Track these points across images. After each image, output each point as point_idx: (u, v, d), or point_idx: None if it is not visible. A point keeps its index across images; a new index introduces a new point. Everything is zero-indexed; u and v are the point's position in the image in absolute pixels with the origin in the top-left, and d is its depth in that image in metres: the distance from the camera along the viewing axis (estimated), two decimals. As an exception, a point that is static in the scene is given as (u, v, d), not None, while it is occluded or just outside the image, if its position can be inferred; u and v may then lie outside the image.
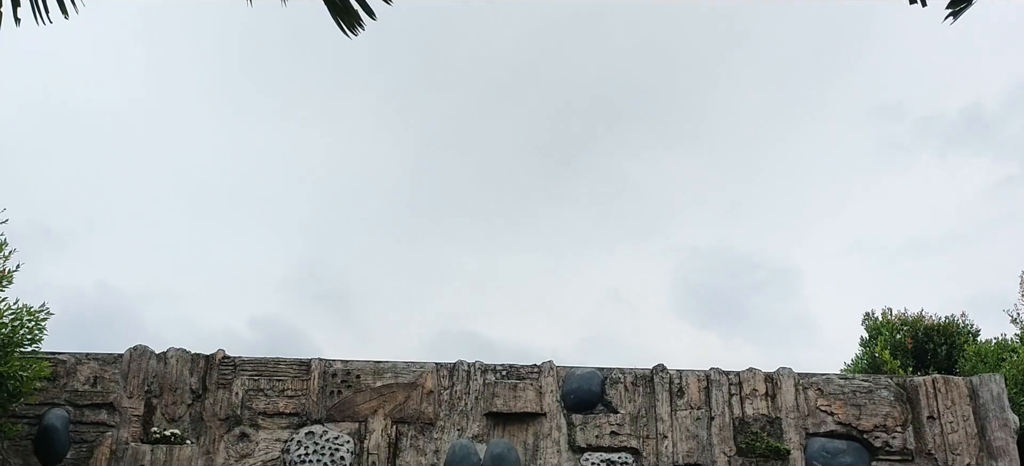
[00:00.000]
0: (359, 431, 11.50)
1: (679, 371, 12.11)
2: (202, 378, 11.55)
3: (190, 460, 11.11)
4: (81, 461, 10.97)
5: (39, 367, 10.42)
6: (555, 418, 11.76)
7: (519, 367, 12.01)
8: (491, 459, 11.44)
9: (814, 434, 11.83)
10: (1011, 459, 11.66)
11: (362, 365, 11.81)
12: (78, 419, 11.13)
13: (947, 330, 17.16)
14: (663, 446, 11.67)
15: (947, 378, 12.31)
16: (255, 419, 11.42)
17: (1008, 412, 11.91)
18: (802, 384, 12.06)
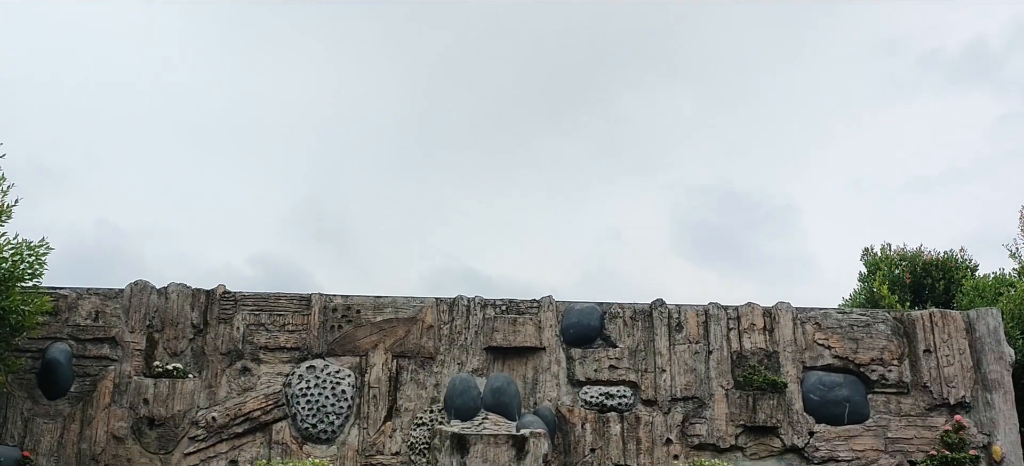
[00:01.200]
0: (360, 365, 11.59)
1: (678, 306, 12.17)
2: (203, 313, 11.61)
3: (193, 394, 11.23)
4: (85, 394, 11.08)
5: (41, 302, 10.46)
6: (554, 352, 11.85)
7: (519, 302, 12.07)
8: (491, 393, 11.55)
9: (811, 367, 11.95)
10: (1006, 391, 11.79)
11: (362, 300, 11.87)
12: (81, 353, 11.22)
13: (945, 265, 17.21)
14: (661, 380, 11.78)
15: (944, 312, 12.38)
16: (256, 353, 11.51)
17: (1004, 345, 12.00)
18: (800, 318, 12.13)
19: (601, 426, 11.53)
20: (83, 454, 10.83)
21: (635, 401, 11.72)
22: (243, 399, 11.27)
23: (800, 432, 11.58)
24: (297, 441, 11.19)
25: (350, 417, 11.37)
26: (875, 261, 18.16)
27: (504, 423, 11.33)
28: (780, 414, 11.61)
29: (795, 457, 11.55)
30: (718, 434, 11.57)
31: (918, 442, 11.59)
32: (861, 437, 11.60)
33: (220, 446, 11.07)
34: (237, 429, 11.14)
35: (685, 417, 11.66)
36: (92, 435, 10.90)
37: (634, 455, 11.44)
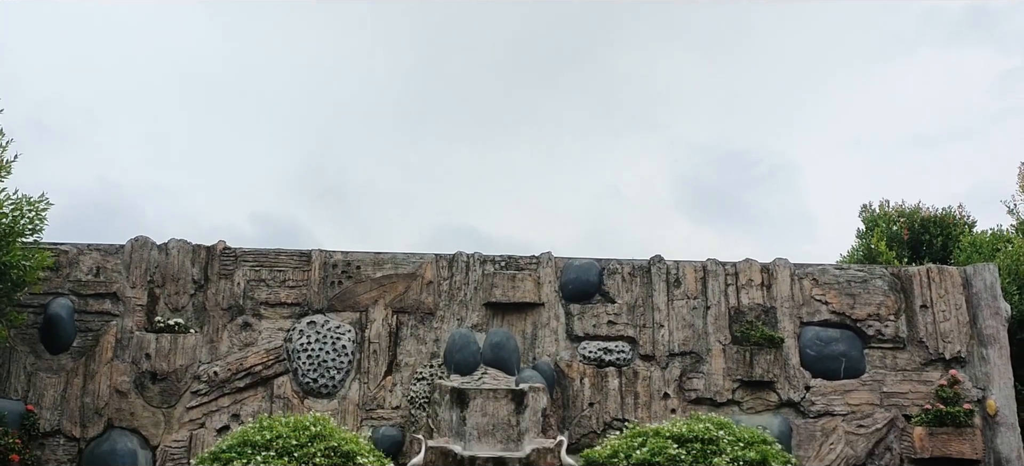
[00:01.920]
0: (360, 321, 11.67)
1: (676, 262, 12.22)
2: (204, 269, 11.66)
3: (194, 348, 11.31)
4: (87, 349, 11.17)
5: (41, 257, 10.50)
6: (553, 308, 11.92)
7: (518, 258, 12.12)
8: (490, 348, 11.64)
9: (808, 323, 12.03)
10: (1001, 346, 11.87)
11: (362, 256, 11.92)
12: (82, 308, 11.29)
13: (944, 222, 17.23)
14: (659, 335, 11.86)
15: (941, 267, 12.44)
16: (257, 309, 11.58)
17: (1000, 301, 12.07)
18: (798, 274, 12.19)
19: (599, 381, 11.63)
20: (87, 408, 10.95)
21: (633, 356, 11.81)
22: (244, 354, 11.36)
23: (796, 387, 11.69)
24: (298, 395, 11.30)
25: (350, 372, 11.47)
26: (873, 218, 18.18)
27: (503, 378, 11.43)
28: (777, 369, 11.71)
29: (791, 411, 11.67)
30: (715, 388, 11.67)
31: (913, 396, 11.70)
32: (857, 391, 11.71)
33: (222, 400, 11.18)
34: (239, 383, 11.24)
35: (682, 372, 11.76)
36: (95, 389, 11.01)
37: (632, 409, 11.56)
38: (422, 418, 11.09)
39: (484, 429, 10.86)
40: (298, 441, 8.62)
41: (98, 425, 10.91)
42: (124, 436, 10.89)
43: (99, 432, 10.90)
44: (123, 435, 10.90)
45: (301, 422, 9.02)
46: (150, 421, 11.01)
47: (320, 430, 8.84)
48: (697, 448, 8.87)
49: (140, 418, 11.00)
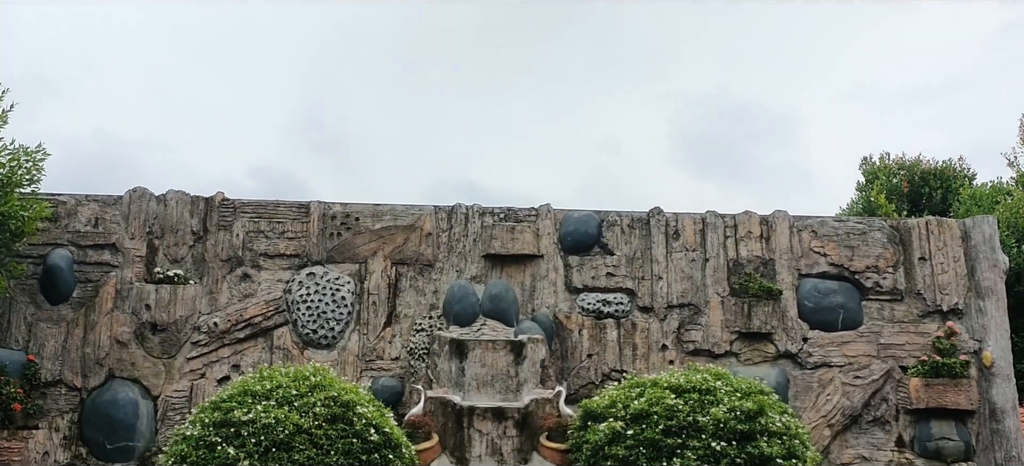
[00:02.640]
0: (359, 272, 11.69)
1: (675, 214, 12.21)
2: (202, 220, 11.65)
3: (194, 299, 11.34)
4: (87, 300, 11.20)
5: (40, 207, 10.48)
6: (552, 260, 11.94)
7: (517, 210, 12.11)
8: (489, 299, 11.67)
9: (807, 275, 12.05)
10: (998, 298, 11.91)
11: (361, 207, 11.90)
12: (81, 259, 11.30)
13: (944, 174, 17.21)
14: (658, 287, 11.89)
15: (940, 220, 12.43)
16: (256, 260, 11.59)
17: (999, 253, 12.08)
18: (797, 226, 12.18)
19: (598, 332, 11.68)
20: (87, 358, 11.00)
21: (631, 308, 11.84)
22: (244, 305, 11.40)
23: (794, 338, 11.74)
24: (298, 346, 11.35)
25: (350, 323, 11.51)
26: (873, 170, 18.16)
27: (502, 329, 11.47)
28: (775, 321, 11.75)
29: (789, 362, 11.73)
30: (713, 340, 11.72)
31: (910, 348, 11.76)
32: (854, 343, 11.77)
33: (222, 351, 11.24)
34: (239, 334, 11.29)
35: (681, 324, 11.80)
36: (96, 340, 11.05)
37: (630, 361, 11.62)
38: (421, 369, 11.16)
39: (483, 380, 10.93)
40: (298, 391, 8.65)
41: (99, 375, 10.98)
42: (125, 386, 10.96)
43: (100, 382, 10.97)
44: (124, 385, 10.97)
45: (301, 372, 9.04)
46: (151, 371, 11.07)
47: (320, 380, 8.87)
48: (694, 398, 8.90)
49: (141, 368, 11.06)
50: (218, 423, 8.33)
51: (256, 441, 8.10)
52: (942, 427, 11.37)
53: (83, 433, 10.79)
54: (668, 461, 8.41)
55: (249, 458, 7.99)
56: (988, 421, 11.50)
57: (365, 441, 8.32)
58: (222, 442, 8.13)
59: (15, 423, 10.49)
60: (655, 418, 8.71)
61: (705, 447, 8.44)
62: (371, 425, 8.46)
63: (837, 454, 11.38)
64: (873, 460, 11.37)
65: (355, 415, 8.48)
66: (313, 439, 8.20)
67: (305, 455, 8.07)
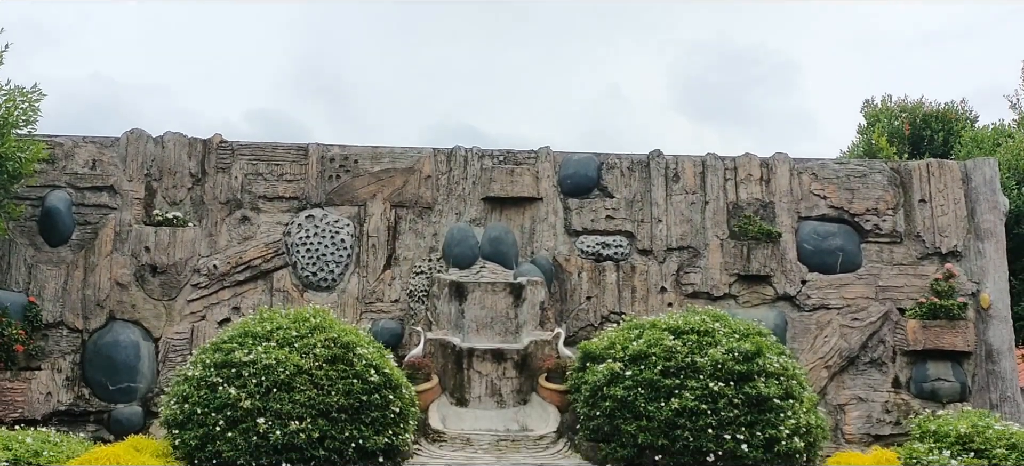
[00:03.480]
0: (358, 215, 11.66)
1: (675, 157, 12.16)
2: (201, 162, 11.60)
3: (193, 242, 11.33)
4: (86, 242, 11.19)
5: (37, 149, 10.43)
6: (552, 202, 11.91)
7: (516, 153, 12.05)
8: (489, 242, 11.66)
9: (806, 218, 12.03)
10: (997, 240, 11.90)
11: (360, 150, 11.84)
12: (80, 201, 11.27)
13: (945, 117, 17.09)
14: (657, 229, 11.88)
15: (941, 162, 12.37)
16: (255, 203, 11.56)
17: (999, 195, 12.05)
18: (797, 169, 12.13)
19: (597, 275, 11.70)
20: (88, 300, 11.03)
21: (631, 251, 11.84)
22: (243, 248, 11.40)
23: (793, 281, 11.76)
24: (298, 289, 11.37)
25: (349, 265, 11.52)
26: (875, 112, 18.03)
27: (502, 272, 11.49)
28: (774, 263, 11.76)
29: (787, 305, 11.77)
30: (712, 283, 11.75)
31: (908, 290, 11.79)
32: (852, 285, 11.79)
33: (222, 293, 11.26)
34: (238, 277, 11.31)
35: (680, 266, 11.82)
36: (96, 282, 11.07)
37: (629, 303, 11.65)
38: (421, 311, 11.19)
39: (482, 321, 10.98)
40: (298, 332, 8.70)
41: (100, 317, 11.01)
42: (126, 328, 11.01)
43: (101, 324, 11.01)
44: (125, 327, 11.01)
45: (301, 314, 9.08)
46: (151, 313, 11.11)
47: (320, 322, 8.91)
48: (693, 340, 8.95)
49: (141, 310, 11.10)
50: (219, 364, 8.39)
51: (257, 381, 8.17)
52: (938, 368, 11.45)
53: (85, 374, 10.86)
54: (666, 401, 8.48)
55: (250, 398, 8.06)
56: (984, 362, 11.58)
57: (365, 382, 8.38)
58: (223, 382, 8.20)
59: (17, 364, 10.56)
60: (653, 359, 8.77)
61: (703, 387, 8.51)
62: (371, 366, 8.51)
63: (834, 395, 11.47)
64: (869, 401, 11.47)
65: (355, 356, 8.53)
66: (313, 380, 8.27)
67: (306, 395, 8.14)
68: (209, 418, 8.07)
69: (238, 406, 8.02)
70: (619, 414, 8.67)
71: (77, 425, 10.53)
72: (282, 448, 7.95)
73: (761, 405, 8.56)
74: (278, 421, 7.99)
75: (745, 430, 8.42)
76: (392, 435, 8.41)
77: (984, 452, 8.62)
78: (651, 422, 8.46)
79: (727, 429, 8.39)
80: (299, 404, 8.08)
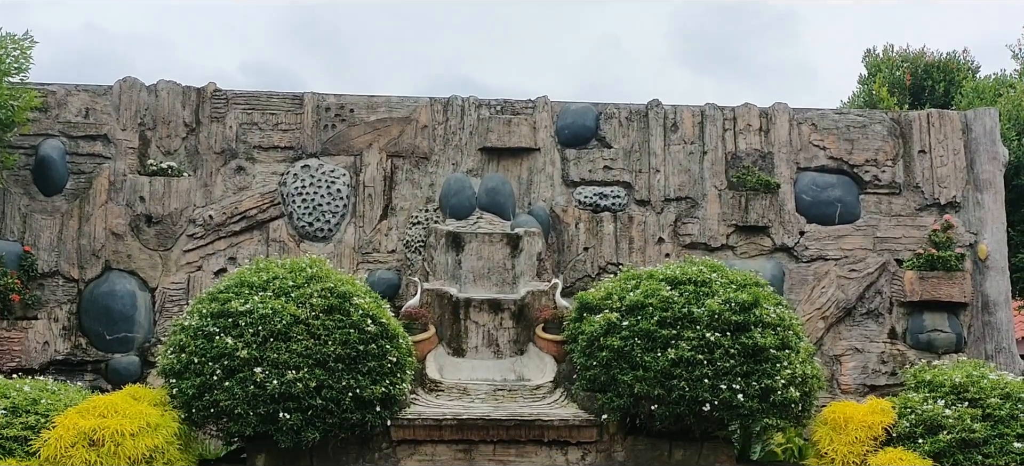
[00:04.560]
0: (355, 165, 11.60)
1: (674, 107, 12.07)
2: (195, 112, 11.49)
3: (188, 192, 11.27)
4: (81, 191, 11.12)
5: (29, 96, 10.33)
6: (549, 153, 11.84)
7: (513, 102, 11.95)
8: (486, 192, 11.61)
9: (805, 168, 11.97)
10: (996, 191, 11.86)
11: (355, 99, 11.74)
12: (74, 150, 11.18)
13: (947, 67, 16.97)
14: (655, 180, 11.82)
15: (941, 112, 12.29)
16: (250, 152, 11.48)
17: (999, 146, 11.99)
18: (796, 119, 12.05)
19: (594, 226, 11.67)
20: (83, 250, 10.99)
21: (628, 201, 11.80)
22: (239, 198, 11.34)
23: (790, 232, 11.74)
24: (294, 239, 11.34)
25: (346, 216, 11.47)
26: (876, 62, 17.91)
27: (499, 222, 11.46)
28: (772, 214, 11.73)
29: (785, 256, 11.75)
30: (710, 233, 11.72)
31: (906, 241, 11.77)
32: (850, 236, 11.77)
33: (218, 243, 11.23)
34: (234, 227, 11.27)
35: (678, 217, 11.78)
36: (91, 231, 11.02)
37: (626, 254, 11.64)
38: (418, 262, 11.17)
39: (479, 272, 10.97)
40: (295, 282, 8.68)
41: (96, 267, 10.99)
42: (122, 278, 10.99)
43: (97, 274, 10.98)
44: (121, 277, 10.99)
45: (297, 264, 9.06)
46: (147, 263, 11.09)
47: (316, 272, 8.89)
48: (690, 290, 8.94)
49: (137, 260, 11.07)
50: (216, 314, 8.38)
51: (254, 331, 8.17)
52: (935, 319, 11.47)
53: (82, 324, 10.86)
54: (663, 351, 8.49)
55: (247, 348, 8.07)
56: (980, 313, 11.60)
57: (362, 332, 8.38)
58: (220, 332, 8.20)
59: (14, 314, 10.56)
60: (650, 309, 8.77)
61: (699, 338, 8.51)
62: (368, 316, 8.51)
63: (830, 345, 11.51)
64: (865, 351, 11.51)
65: (352, 306, 8.52)
66: (310, 330, 8.27)
67: (303, 345, 8.15)
68: (206, 367, 8.08)
69: (235, 356, 8.02)
70: (616, 364, 8.69)
71: (75, 375, 10.56)
72: (280, 397, 7.97)
73: (757, 355, 8.58)
74: (275, 370, 8.00)
75: (741, 380, 8.44)
76: (389, 385, 8.43)
77: (978, 401, 8.67)
78: (647, 372, 8.48)
79: (723, 379, 8.41)
80: (296, 354, 8.09)
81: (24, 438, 7.57)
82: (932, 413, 8.62)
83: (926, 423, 8.61)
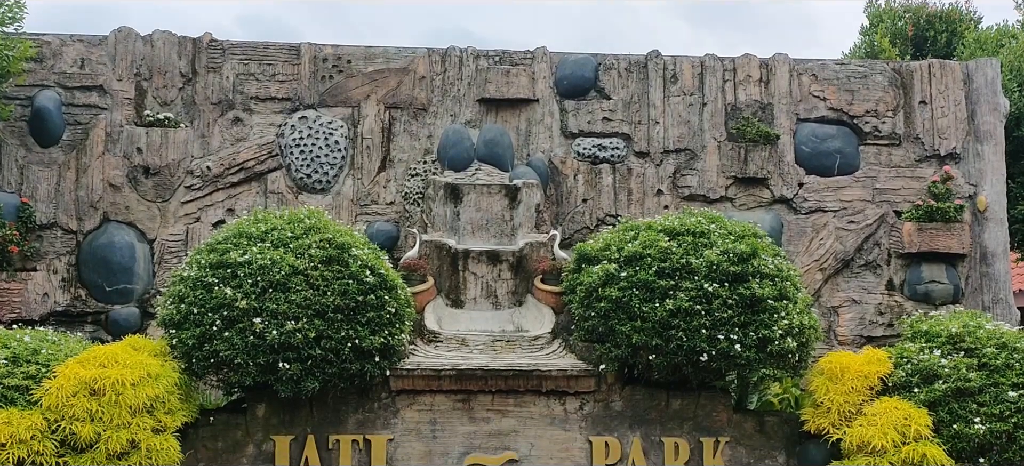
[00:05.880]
0: (352, 116, 11.54)
1: (673, 58, 11.99)
2: (191, 62, 11.41)
3: (186, 143, 11.23)
4: (78, 142, 11.07)
5: (24, 47, 10.25)
6: (548, 104, 11.77)
7: (512, 53, 11.87)
8: (484, 144, 11.57)
9: (805, 120, 11.91)
10: (996, 142, 11.83)
11: (352, 50, 11.65)
12: (70, 101, 11.11)
13: (949, 17, 16.84)
14: (654, 131, 11.77)
15: (943, 63, 12.22)
16: (247, 103, 11.41)
17: (1000, 96, 11.93)
18: (797, 70, 11.97)
19: (593, 178, 11.65)
20: (81, 201, 10.97)
21: (627, 153, 11.76)
22: (237, 149, 11.30)
23: (790, 183, 11.72)
24: (292, 191, 11.33)
25: (344, 168, 11.44)
26: (878, 13, 17.77)
27: (497, 174, 11.43)
28: (771, 166, 11.70)
29: (783, 207, 11.74)
30: (709, 185, 11.70)
31: (905, 193, 11.75)
32: (849, 188, 11.75)
33: (216, 195, 11.21)
34: (232, 178, 11.24)
35: (676, 169, 11.75)
36: (89, 183, 10.99)
37: (625, 206, 11.63)
38: (416, 214, 11.17)
39: (478, 224, 10.97)
40: (293, 233, 8.68)
41: (94, 218, 10.97)
42: (121, 229, 10.98)
43: (95, 225, 10.97)
44: (120, 228, 10.99)
45: (296, 215, 9.07)
46: (146, 215, 11.07)
47: (315, 223, 8.89)
48: (688, 241, 8.95)
49: (136, 212, 11.06)
50: (214, 264, 8.41)
51: (253, 282, 8.20)
52: (933, 270, 11.50)
53: (81, 275, 10.88)
54: (661, 302, 8.52)
55: (246, 298, 8.10)
56: (978, 264, 11.62)
57: (361, 282, 8.41)
58: (219, 283, 8.23)
59: (13, 265, 10.57)
60: (648, 260, 8.78)
61: (697, 288, 8.55)
62: (366, 267, 8.53)
63: (828, 297, 11.54)
64: (863, 303, 11.55)
65: (350, 257, 8.54)
66: (309, 280, 8.29)
67: (302, 295, 8.18)
68: (206, 318, 8.12)
69: (234, 306, 8.06)
70: (614, 315, 8.73)
71: (75, 326, 10.59)
72: (279, 347, 8.01)
73: (755, 306, 8.61)
74: (274, 321, 8.03)
75: (738, 330, 8.49)
76: (388, 335, 8.48)
77: (974, 351, 8.71)
78: (645, 322, 8.52)
79: (720, 329, 8.45)
80: (295, 304, 8.12)
81: (25, 387, 7.62)
82: (928, 363, 8.66)
83: (922, 373, 8.66)
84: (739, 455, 9.05)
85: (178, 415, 8.08)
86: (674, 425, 9.06)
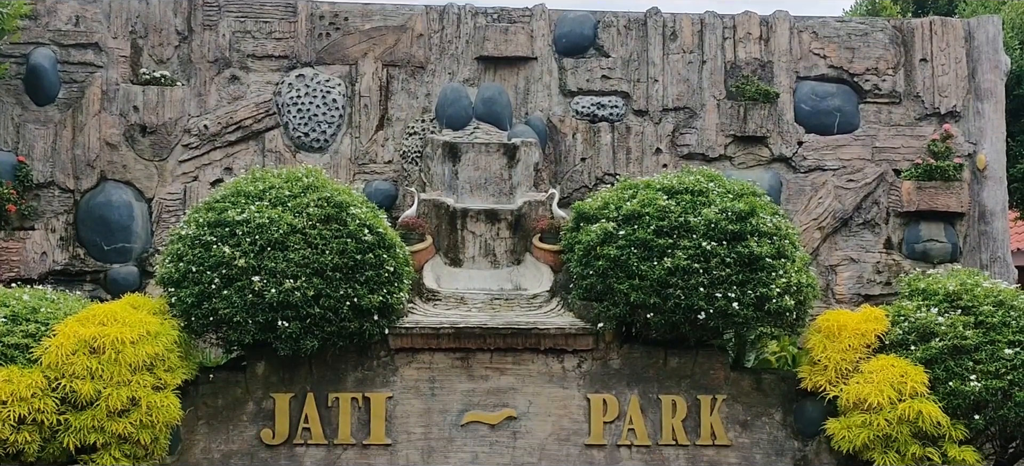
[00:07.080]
0: (350, 74, 11.47)
1: (673, 15, 11.89)
2: (186, 19, 11.30)
3: (182, 102, 11.16)
4: (74, 101, 11.01)
5: (18, 3, 10.16)
6: (546, 62, 11.70)
7: (510, 10, 11.77)
8: (482, 102, 11.52)
9: (805, 78, 11.84)
10: (997, 101, 11.78)
11: (350, 7, 11.55)
12: (65, 59, 11.03)
13: (952, -26, 16.70)
14: (653, 90, 11.71)
15: (944, 20, 12.12)
16: (244, 62, 11.33)
17: (1001, 54, 11.85)
18: (797, 27, 11.89)
19: (592, 136, 11.61)
20: (78, 160, 10.93)
21: (626, 111, 11.71)
22: (234, 108, 11.24)
23: (789, 142, 11.69)
24: (290, 150, 11.29)
25: (342, 126, 11.39)
26: (880, -30, 17.61)
27: (495, 132, 11.39)
28: (770, 124, 11.65)
29: (783, 166, 11.71)
30: (708, 144, 11.67)
31: (904, 151, 11.72)
32: (849, 146, 11.71)
33: (214, 154, 11.17)
34: (230, 137, 11.19)
35: (676, 127, 11.71)
36: (85, 142, 10.95)
37: (623, 164, 11.59)
38: (414, 172, 11.14)
39: (476, 183, 10.95)
40: (291, 192, 8.68)
41: (91, 177, 10.94)
42: (118, 188, 10.95)
43: (93, 184, 10.94)
44: (117, 187, 10.96)
45: (293, 174, 9.06)
46: (143, 174, 11.04)
47: (313, 181, 8.89)
48: (687, 199, 8.95)
49: (133, 171, 11.03)
50: (212, 223, 8.41)
51: (251, 240, 8.21)
52: (931, 229, 11.50)
53: (79, 234, 10.87)
54: (659, 260, 8.54)
55: (245, 256, 8.12)
56: (977, 223, 11.62)
57: (359, 241, 8.42)
58: (217, 241, 8.24)
59: (11, 224, 10.56)
60: (647, 219, 8.79)
61: (696, 247, 8.56)
62: (365, 226, 8.54)
63: (826, 255, 11.55)
64: (861, 261, 11.56)
65: (349, 215, 8.54)
66: (307, 239, 8.30)
67: (300, 254, 8.19)
68: (204, 277, 8.14)
69: (233, 264, 8.07)
70: (612, 273, 8.75)
71: (74, 285, 10.59)
72: (278, 306, 8.04)
73: (753, 264, 8.63)
74: (273, 279, 8.06)
75: (736, 288, 8.52)
76: (387, 294, 8.50)
77: (971, 309, 8.75)
78: (643, 281, 8.54)
79: (719, 288, 8.48)
80: (293, 263, 8.13)
81: (25, 345, 7.66)
82: (925, 320, 8.70)
83: (919, 330, 8.70)
84: (736, 412, 9.12)
85: (178, 373, 8.13)
86: (672, 383, 9.11)
